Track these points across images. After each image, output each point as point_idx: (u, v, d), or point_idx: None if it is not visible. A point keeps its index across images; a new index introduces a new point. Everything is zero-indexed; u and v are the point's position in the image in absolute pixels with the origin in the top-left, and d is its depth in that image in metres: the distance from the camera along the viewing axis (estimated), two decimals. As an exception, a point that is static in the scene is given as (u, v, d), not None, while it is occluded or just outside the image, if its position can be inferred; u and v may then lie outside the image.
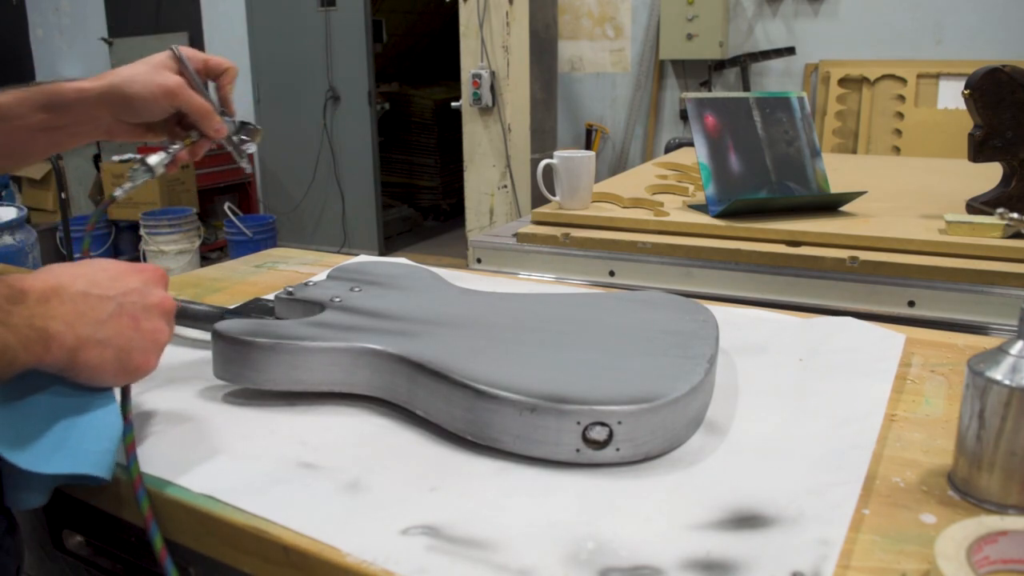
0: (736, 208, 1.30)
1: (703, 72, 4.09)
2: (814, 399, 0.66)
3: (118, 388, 0.57)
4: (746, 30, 4.02)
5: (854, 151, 3.74)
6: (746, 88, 3.91)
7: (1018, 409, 0.49)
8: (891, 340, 0.78)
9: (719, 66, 3.98)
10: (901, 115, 3.64)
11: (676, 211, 1.38)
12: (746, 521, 0.49)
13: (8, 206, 2.75)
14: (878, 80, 3.70)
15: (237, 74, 0.79)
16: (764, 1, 3.95)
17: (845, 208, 1.37)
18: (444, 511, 0.51)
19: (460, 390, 0.58)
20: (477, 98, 3.67)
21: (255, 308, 0.80)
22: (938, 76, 3.60)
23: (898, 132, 3.64)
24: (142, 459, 0.57)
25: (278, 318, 0.77)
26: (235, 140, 0.80)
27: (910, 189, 1.58)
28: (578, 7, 4.40)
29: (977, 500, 0.51)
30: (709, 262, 1.23)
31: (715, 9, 3.80)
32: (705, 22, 3.82)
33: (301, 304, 0.76)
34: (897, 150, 3.63)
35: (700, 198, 1.44)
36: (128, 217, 4.40)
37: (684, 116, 4.18)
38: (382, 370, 0.64)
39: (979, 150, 1.25)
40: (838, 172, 1.66)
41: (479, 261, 1.39)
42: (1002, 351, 0.51)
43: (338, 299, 0.75)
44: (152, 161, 0.75)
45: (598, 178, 1.49)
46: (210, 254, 4.72)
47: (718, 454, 0.58)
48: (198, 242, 4.28)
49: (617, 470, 0.56)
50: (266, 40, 5.05)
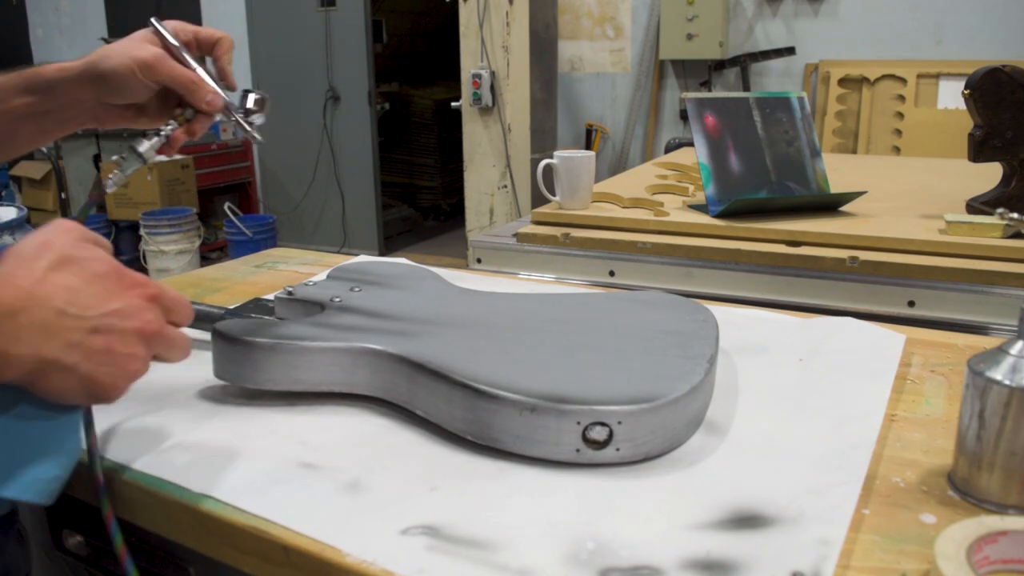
0: (736, 208, 1.30)
1: (703, 72, 4.09)
2: (814, 399, 0.66)
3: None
4: (746, 30, 4.02)
5: (854, 151, 3.74)
6: (746, 88, 3.91)
7: (1018, 409, 0.49)
8: (891, 340, 0.78)
9: (719, 66, 3.98)
10: (901, 115, 3.64)
11: (676, 211, 1.38)
12: (746, 521, 0.49)
13: (8, 206, 2.74)
14: (878, 80, 3.71)
15: (233, 45, 0.73)
16: (764, 1, 3.95)
17: (845, 208, 1.37)
18: (444, 511, 0.51)
19: (460, 390, 0.58)
20: (477, 98, 3.67)
21: (255, 308, 0.79)
22: (938, 76, 3.60)
23: (898, 132, 3.64)
24: (142, 459, 0.57)
25: (278, 318, 0.77)
26: (239, 112, 0.73)
27: (910, 189, 1.58)
28: (578, 7, 4.40)
29: (977, 500, 0.51)
30: (709, 262, 1.23)
31: (715, 9, 3.80)
32: (705, 22, 3.82)
33: (301, 304, 0.76)
34: (897, 150, 3.63)
35: (700, 198, 1.44)
36: (128, 217, 4.39)
37: (684, 116, 4.18)
38: (382, 370, 0.64)
39: (979, 150, 1.25)
40: (838, 172, 1.66)
41: (479, 261, 1.39)
42: (1002, 351, 0.51)
43: (338, 299, 0.75)
44: (141, 147, 0.68)
45: (598, 178, 1.49)
46: (210, 254, 4.72)
47: (718, 454, 0.58)
48: (198, 242, 4.28)
49: (617, 470, 0.56)
50: (266, 40, 5.06)
